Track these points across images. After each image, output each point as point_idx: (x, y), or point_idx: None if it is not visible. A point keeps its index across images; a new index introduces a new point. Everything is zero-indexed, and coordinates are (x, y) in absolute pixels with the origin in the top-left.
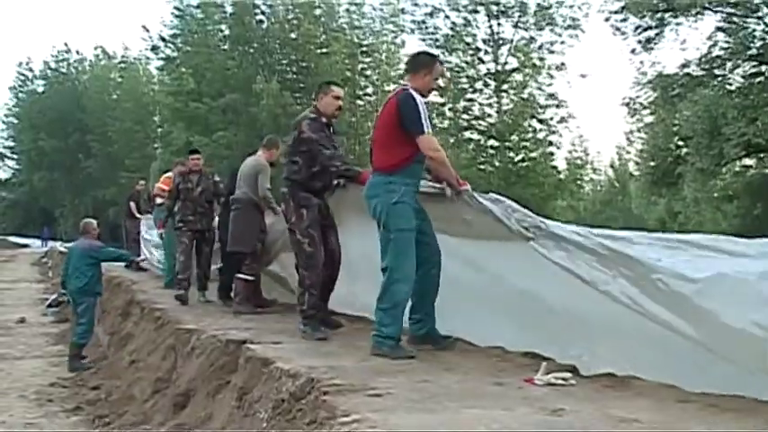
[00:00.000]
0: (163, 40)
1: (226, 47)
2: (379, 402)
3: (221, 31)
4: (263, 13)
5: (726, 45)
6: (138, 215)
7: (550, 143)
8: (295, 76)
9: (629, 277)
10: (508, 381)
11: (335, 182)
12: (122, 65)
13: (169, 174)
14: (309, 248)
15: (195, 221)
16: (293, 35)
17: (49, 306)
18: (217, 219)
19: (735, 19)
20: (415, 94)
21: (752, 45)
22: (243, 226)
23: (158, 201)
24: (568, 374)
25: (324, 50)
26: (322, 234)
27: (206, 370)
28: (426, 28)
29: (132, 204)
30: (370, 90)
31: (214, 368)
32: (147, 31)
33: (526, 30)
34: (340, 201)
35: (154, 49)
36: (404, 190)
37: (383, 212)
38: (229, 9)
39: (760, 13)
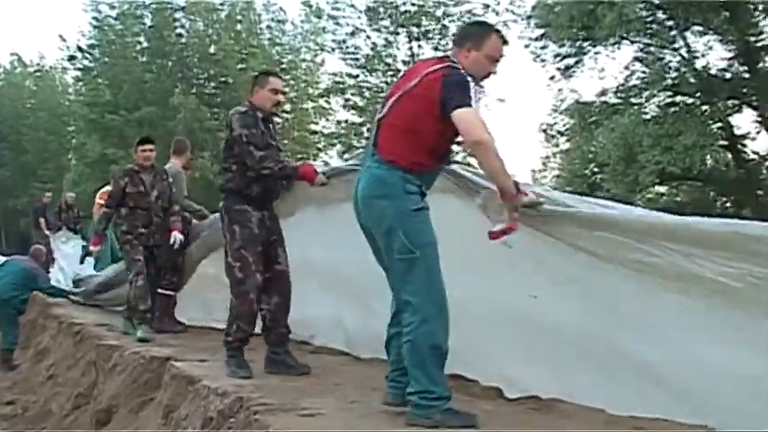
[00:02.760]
0: (80, 50)
1: (144, 59)
2: (311, 422)
3: (140, 43)
4: (182, 26)
5: (643, 75)
6: (46, 231)
7: (468, 164)
8: (213, 91)
9: None
10: None
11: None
12: (38, 73)
13: (107, 188)
14: (240, 274)
15: (148, 236)
16: (212, 50)
17: None
18: None
19: (652, 49)
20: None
21: (667, 75)
22: (165, 240)
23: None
24: None
25: (243, 66)
26: (267, 253)
27: (129, 386)
28: (347, 48)
29: (42, 220)
30: (288, 107)
31: (137, 385)
32: (65, 40)
33: (446, 52)
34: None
35: (71, 59)
36: (420, 197)
37: (397, 222)
38: (148, 21)
39: (676, 45)
